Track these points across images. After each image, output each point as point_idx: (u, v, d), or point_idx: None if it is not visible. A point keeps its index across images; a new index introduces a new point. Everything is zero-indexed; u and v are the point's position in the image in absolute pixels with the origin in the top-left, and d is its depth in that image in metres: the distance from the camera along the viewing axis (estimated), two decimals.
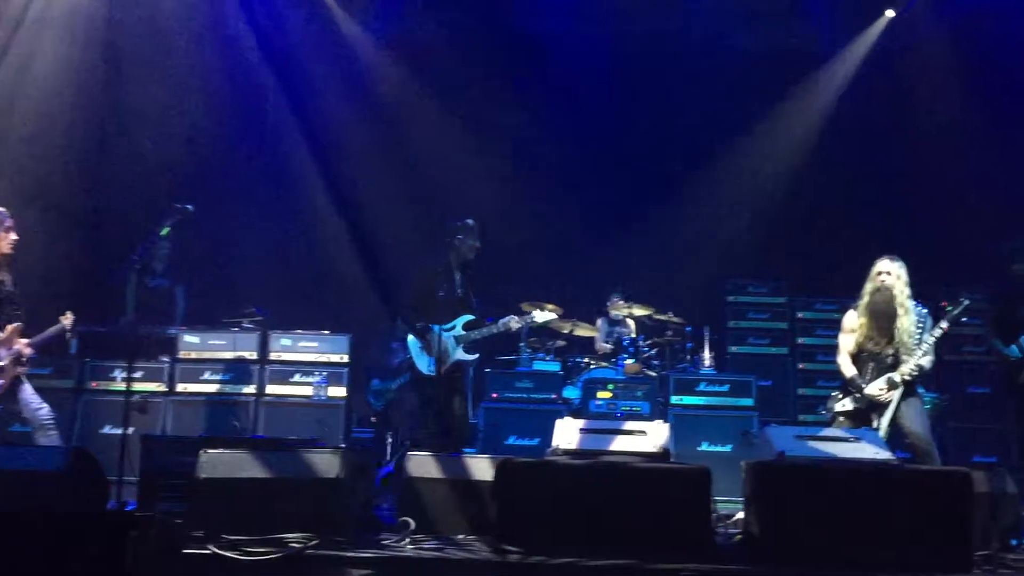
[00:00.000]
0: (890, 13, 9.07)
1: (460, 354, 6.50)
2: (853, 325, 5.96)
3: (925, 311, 5.83)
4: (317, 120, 9.51)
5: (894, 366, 5.73)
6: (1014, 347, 5.89)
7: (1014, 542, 4.94)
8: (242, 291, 8.71)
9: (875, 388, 5.74)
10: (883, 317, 5.80)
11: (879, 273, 5.87)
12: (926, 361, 5.74)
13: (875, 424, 5.68)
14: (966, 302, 5.73)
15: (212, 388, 7.72)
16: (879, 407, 5.72)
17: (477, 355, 6.59)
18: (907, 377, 5.66)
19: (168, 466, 5.12)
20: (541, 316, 6.63)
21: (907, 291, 5.79)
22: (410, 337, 6.58)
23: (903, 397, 5.68)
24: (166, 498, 4.95)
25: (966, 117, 8.79)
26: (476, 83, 9.39)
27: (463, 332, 6.51)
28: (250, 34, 9.14)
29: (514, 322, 6.59)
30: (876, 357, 5.82)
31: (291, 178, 9.46)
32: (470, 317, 6.54)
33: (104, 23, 8.35)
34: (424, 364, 6.46)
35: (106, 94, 8.47)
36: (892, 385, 5.69)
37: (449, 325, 6.47)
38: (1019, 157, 8.45)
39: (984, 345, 8.08)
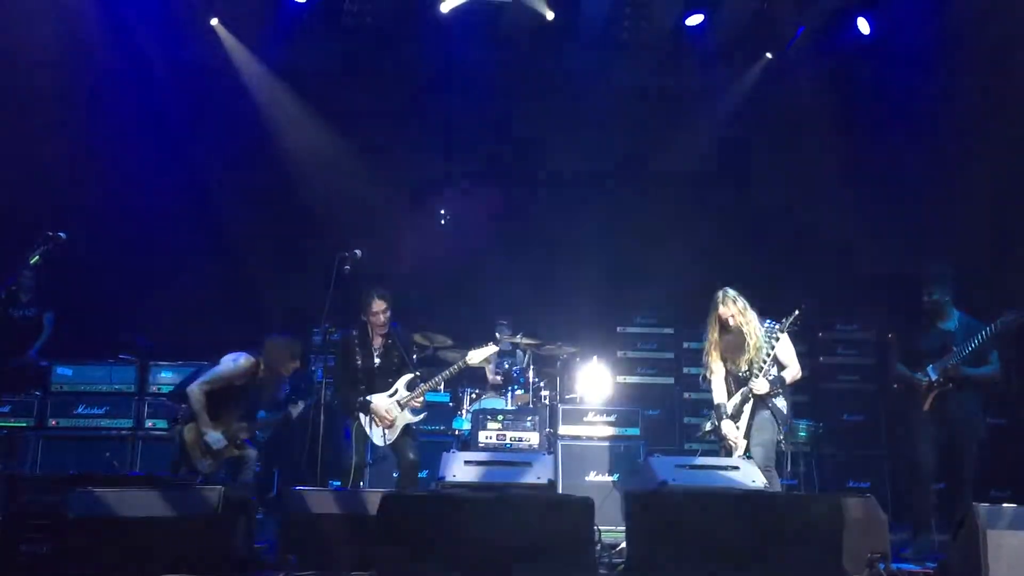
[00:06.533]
0: (768, 55, 9.42)
1: (407, 416, 6.42)
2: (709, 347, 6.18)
3: (774, 325, 5.94)
4: (209, 144, 9.26)
5: (748, 379, 5.91)
6: (930, 369, 6.07)
7: (881, 566, 5.14)
8: (122, 321, 8.40)
9: (733, 403, 5.93)
10: (719, 338, 6.04)
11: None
12: (772, 372, 5.92)
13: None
14: (797, 311, 5.90)
15: (86, 423, 7.44)
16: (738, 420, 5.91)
17: (424, 413, 6.56)
18: (756, 391, 5.83)
19: (34, 505, 4.89)
20: (477, 356, 6.57)
21: (728, 311, 5.94)
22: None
23: (754, 416, 5.86)
24: (30, 539, 4.71)
25: (839, 153, 9.19)
26: (370, 111, 9.36)
27: (407, 393, 6.43)
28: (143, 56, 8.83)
29: (455, 368, 6.55)
30: (732, 374, 6.02)
31: (178, 203, 9.13)
32: (410, 376, 6.46)
33: None
34: (377, 435, 6.38)
35: None
36: (745, 397, 5.90)
37: (391, 391, 6.42)
38: (894, 191, 8.88)
39: (856, 375, 8.44)
